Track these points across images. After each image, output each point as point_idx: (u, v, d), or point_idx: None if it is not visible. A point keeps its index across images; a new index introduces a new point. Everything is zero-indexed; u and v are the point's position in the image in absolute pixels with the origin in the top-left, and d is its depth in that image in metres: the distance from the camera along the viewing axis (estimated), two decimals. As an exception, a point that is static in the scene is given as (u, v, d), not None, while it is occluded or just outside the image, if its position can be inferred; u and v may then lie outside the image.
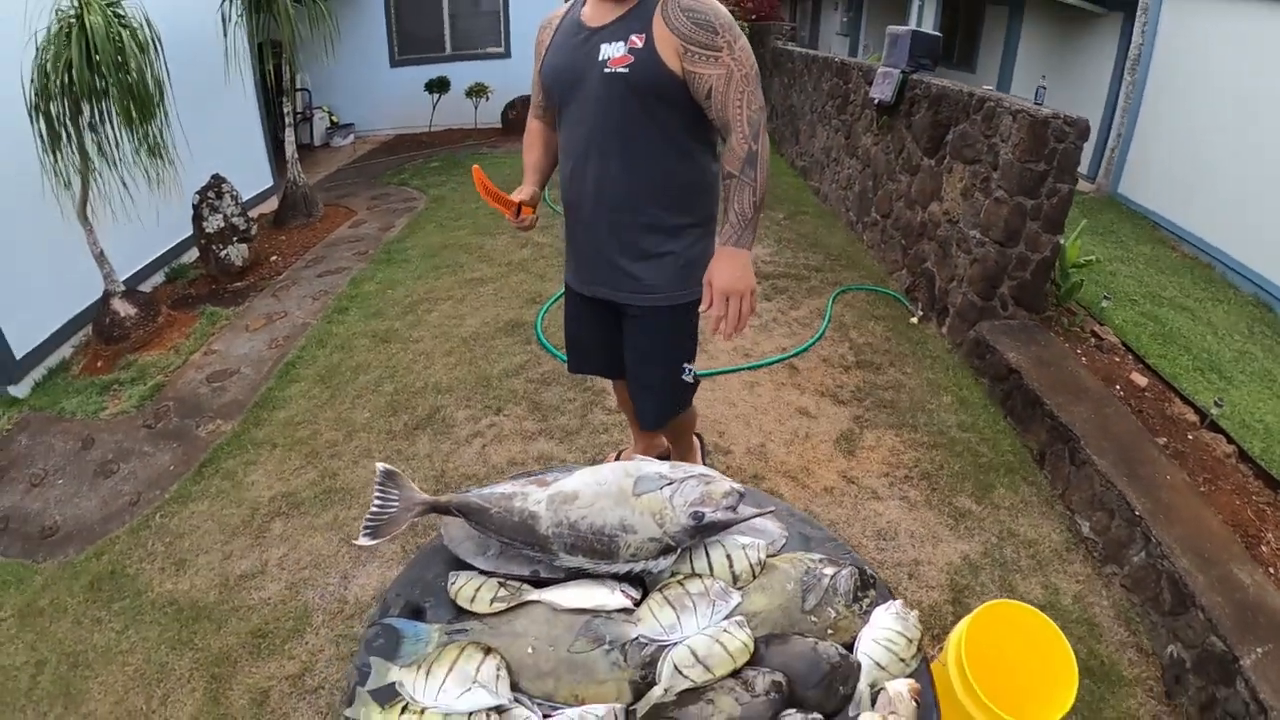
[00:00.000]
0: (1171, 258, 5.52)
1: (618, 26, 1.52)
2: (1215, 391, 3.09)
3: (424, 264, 4.72)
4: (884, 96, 4.58)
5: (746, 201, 1.52)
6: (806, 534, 1.21)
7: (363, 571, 2.27)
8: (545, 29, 1.74)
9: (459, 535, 1.07)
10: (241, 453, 2.90)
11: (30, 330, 3.55)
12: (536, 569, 1.02)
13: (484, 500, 1.03)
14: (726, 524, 1.03)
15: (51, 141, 3.21)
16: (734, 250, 1.54)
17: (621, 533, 0.99)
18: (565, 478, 1.06)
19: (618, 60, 1.50)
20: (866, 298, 4.22)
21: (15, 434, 3.17)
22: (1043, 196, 3.23)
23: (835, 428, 2.98)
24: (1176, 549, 2.07)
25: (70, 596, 2.28)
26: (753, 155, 1.50)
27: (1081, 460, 2.52)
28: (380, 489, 1.04)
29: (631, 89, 1.52)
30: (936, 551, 2.36)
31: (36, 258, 3.60)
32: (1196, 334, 3.91)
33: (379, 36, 9.38)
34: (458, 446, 2.85)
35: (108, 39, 3.16)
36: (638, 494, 1.01)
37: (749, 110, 1.50)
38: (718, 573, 1.03)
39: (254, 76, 5.70)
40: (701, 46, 1.47)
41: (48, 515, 2.67)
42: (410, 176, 7.13)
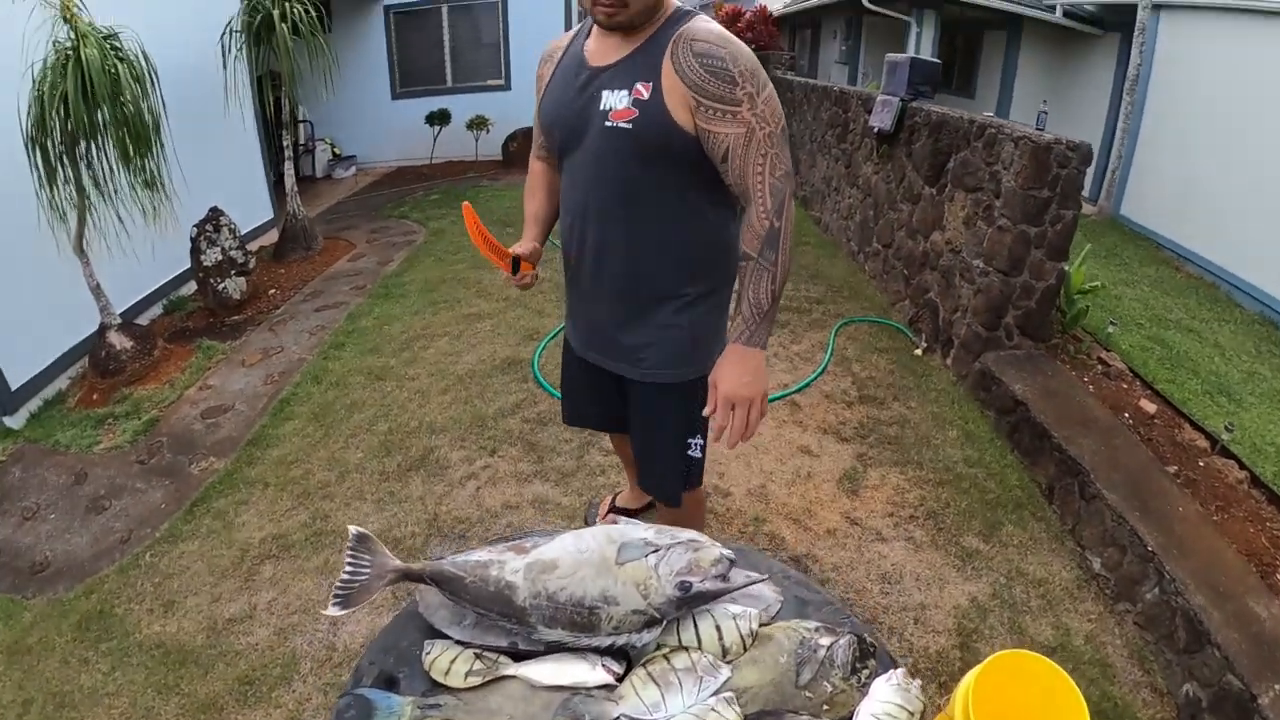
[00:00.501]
0: (1176, 279, 5.48)
1: (623, 70, 1.32)
2: (1225, 415, 3.03)
3: (421, 299, 4.70)
4: (884, 125, 4.57)
5: (764, 291, 1.30)
6: (803, 597, 1.15)
7: (351, 619, 2.20)
8: (546, 62, 1.53)
9: (434, 602, 1.02)
10: (233, 492, 2.85)
11: (26, 362, 3.55)
12: (514, 640, 0.96)
13: (458, 569, 0.97)
14: (716, 594, 0.97)
15: (47, 174, 3.22)
16: (745, 350, 1.31)
17: (603, 604, 0.93)
18: (545, 544, 1.01)
19: (620, 114, 1.30)
20: (869, 330, 4.17)
21: (9, 466, 3.15)
22: (1046, 224, 3.19)
23: (838, 466, 2.92)
24: (1190, 584, 2.01)
25: (59, 635, 2.25)
26: (774, 234, 1.27)
27: (1091, 494, 2.45)
28: (352, 554, 0.99)
29: (635, 147, 1.32)
30: (943, 594, 2.29)
31: (33, 290, 3.60)
32: (1204, 356, 3.86)
33: (380, 69, 9.51)
34: (451, 489, 2.80)
35: (103, 71, 3.18)
36: (621, 563, 0.95)
37: (771, 177, 1.27)
38: (706, 645, 0.97)
39: (254, 109, 5.74)
40: (717, 100, 1.24)
41: (39, 550, 2.65)
42: (410, 209, 7.16)
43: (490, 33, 9.53)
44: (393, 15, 9.33)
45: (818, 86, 6.49)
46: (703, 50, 1.24)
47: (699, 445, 1.64)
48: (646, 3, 1.27)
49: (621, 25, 1.28)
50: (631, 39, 1.32)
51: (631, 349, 1.53)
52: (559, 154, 1.49)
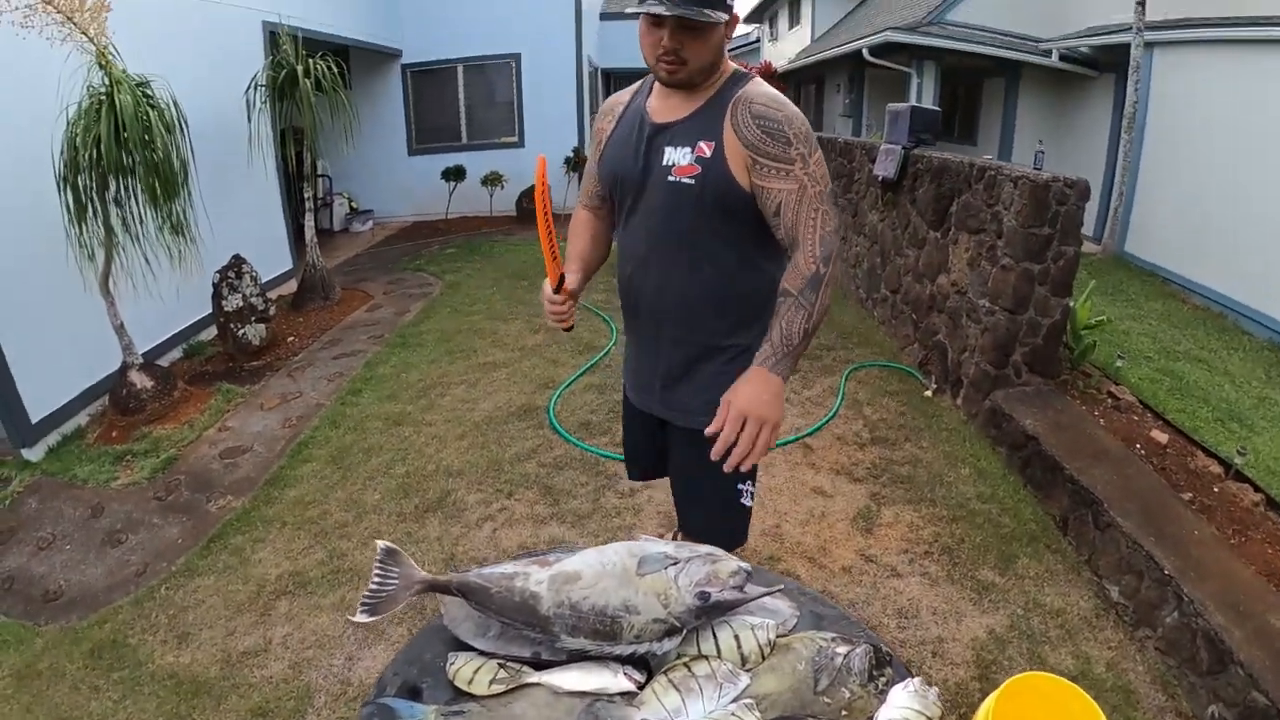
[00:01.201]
0: (1183, 311, 5.50)
1: (686, 128, 1.39)
2: (1237, 441, 3.02)
3: (438, 348, 4.78)
4: (887, 173, 4.68)
5: (797, 326, 1.31)
6: (819, 612, 1.17)
7: (368, 653, 2.21)
8: (606, 116, 1.58)
9: (459, 615, 1.05)
10: (250, 529, 2.88)
11: (47, 395, 3.61)
12: (538, 650, 0.98)
13: (484, 580, 1.00)
14: (734, 604, 1.00)
15: (78, 213, 3.33)
16: (767, 373, 1.29)
17: (625, 614, 0.96)
18: (568, 558, 1.04)
19: (683, 170, 1.37)
20: (880, 374, 4.21)
21: (26, 496, 3.20)
22: (1049, 260, 3.25)
23: (852, 506, 2.93)
24: (1210, 605, 2.01)
25: (70, 662, 2.26)
26: (818, 279, 1.31)
27: (1106, 523, 2.45)
28: (380, 566, 1.02)
29: (696, 201, 1.38)
30: (961, 627, 2.28)
31: (57, 325, 3.70)
32: (1214, 385, 3.87)
33: (398, 126, 9.80)
34: (468, 530, 2.82)
35: (136, 118, 3.30)
36: (642, 574, 0.98)
37: (822, 230, 1.33)
38: (725, 654, 0.99)
39: (276, 161, 5.93)
40: (772, 159, 1.32)
41: (52, 579, 2.67)
42: (426, 262, 7.32)
43: (504, 91, 9.84)
44: (410, 73, 9.68)
45: (823, 139, 6.66)
46: (760, 113, 1.33)
47: (750, 492, 1.62)
48: (704, 63, 1.34)
49: (681, 83, 1.37)
50: (693, 98, 1.40)
51: (682, 396, 1.56)
52: (618, 205, 1.55)
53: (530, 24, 9.39)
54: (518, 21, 9.39)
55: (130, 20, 3.70)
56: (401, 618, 2.32)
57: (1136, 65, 6.70)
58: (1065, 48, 8.29)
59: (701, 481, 1.61)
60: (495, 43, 9.52)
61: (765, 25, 21.47)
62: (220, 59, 5.26)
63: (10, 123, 3.44)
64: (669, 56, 1.32)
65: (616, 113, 1.56)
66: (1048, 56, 8.47)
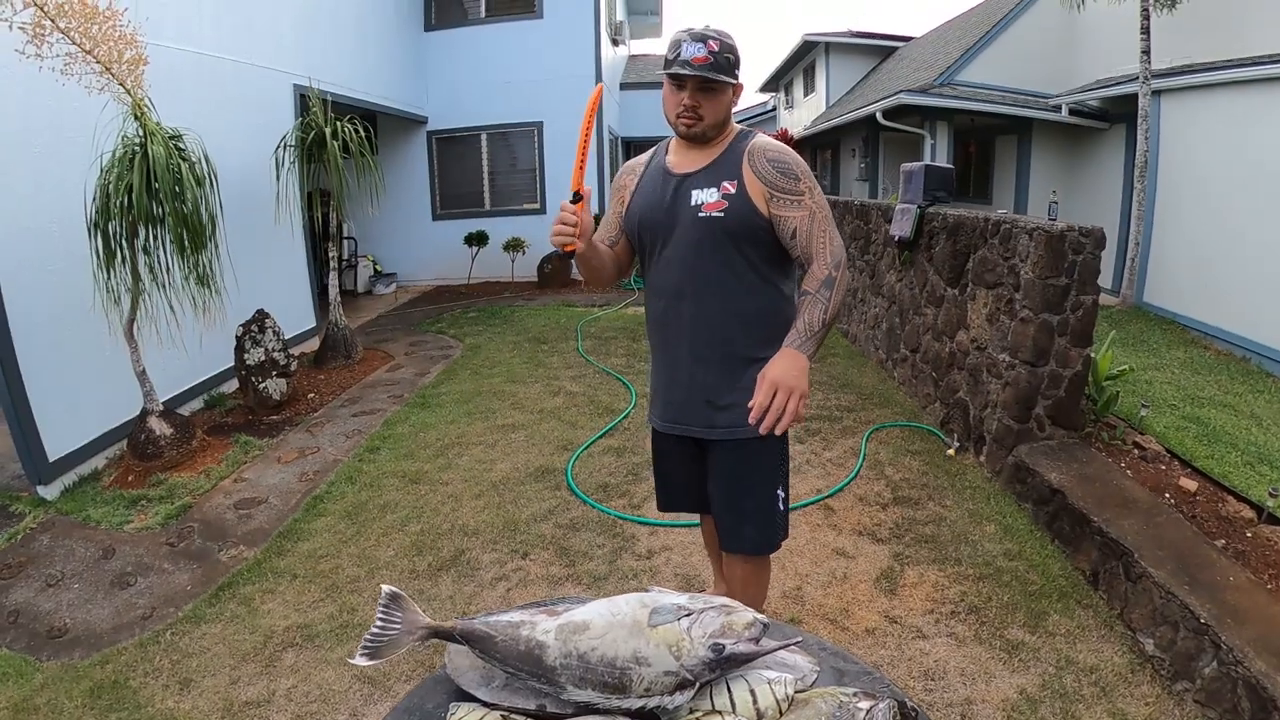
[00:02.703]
0: (1205, 357, 5.42)
1: (709, 173, 1.68)
2: (1268, 484, 2.92)
3: (457, 409, 4.79)
4: (903, 233, 4.70)
5: (817, 316, 1.62)
6: (840, 668, 1.11)
7: (373, 710, 2.15)
8: (629, 174, 1.87)
9: (463, 665, 1.01)
10: (261, 580, 2.85)
11: (66, 436, 3.66)
12: (543, 703, 0.94)
13: (490, 627, 0.97)
14: (749, 656, 0.96)
15: (107, 258, 3.42)
16: (794, 352, 1.61)
17: (635, 665, 0.92)
18: (577, 608, 1.01)
19: (712, 205, 1.65)
20: (901, 434, 4.15)
21: (39, 533, 3.21)
22: (1068, 310, 3.22)
23: (875, 566, 2.85)
24: (1250, 652, 1.92)
25: (68, 699, 2.23)
26: (831, 279, 1.63)
27: (1138, 574, 2.36)
28: (384, 610, 1.00)
29: (726, 231, 1.65)
30: (990, 688, 2.18)
31: (81, 367, 3.76)
32: (1241, 429, 3.77)
33: (422, 191, 10.08)
34: (481, 589, 2.77)
35: (168, 169, 3.42)
36: (653, 625, 0.94)
37: (831, 244, 1.65)
38: (740, 709, 0.94)
39: (303, 221, 6.10)
40: (786, 192, 1.64)
41: (58, 616, 2.66)
42: (448, 325, 7.42)
43: (526, 159, 10.10)
44: (435, 140, 9.99)
45: (839, 202, 6.74)
46: (773, 157, 1.66)
47: (783, 499, 1.86)
48: (717, 119, 1.67)
49: (697, 136, 1.68)
50: (709, 151, 1.71)
51: (722, 410, 1.76)
52: (648, 248, 1.79)
53: (553, 93, 9.68)
54: (541, 90, 9.70)
55: (166, 75, 3.88)
56: (410, 675, 2.26)
57: (1145, 114, 6.76)
58: (1074, 102, 8.41)
59: (743, 486, 1.82)
60: (518, 111, 9.82)
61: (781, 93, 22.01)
62: (251, 118, 5.47)
63: (46, 167, 3.58)
64: (689, 114, 1.64)
65: (638, 171, 1.84)
66: (1058, 111, 8.60)
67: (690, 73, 1.58)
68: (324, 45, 6.81)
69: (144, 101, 3.49)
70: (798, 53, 18.08)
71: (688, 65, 1.58)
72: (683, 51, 1.59)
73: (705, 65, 1.58)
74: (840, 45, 16.58)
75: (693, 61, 1.58)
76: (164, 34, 4.30)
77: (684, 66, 1.58)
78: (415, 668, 2.29)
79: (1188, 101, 6.57)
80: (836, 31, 16.70)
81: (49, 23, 3.06)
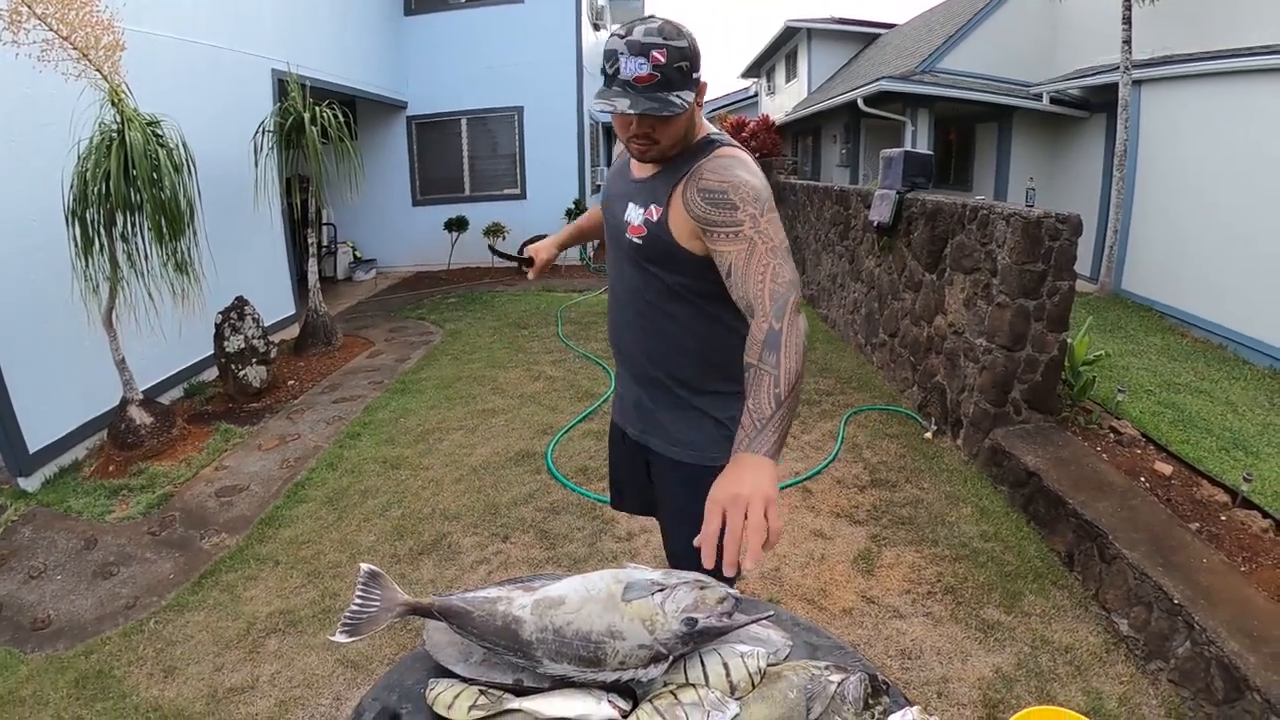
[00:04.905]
0: (1183, 344, 5.51)
1: (645, 189, 1.44)
2: (1243, 469, 2.99)
3: (437, 395, 4.79)
4: (882, 218, 4.73)
5: (765, 396, 1.15)
6: (813, 642, 1.14)
7: (356, 694, 2.16)
8: (619, 155, 1.65)
9: (441, 641, 1.02)
10: (243, 567, 2.85)
11: (46, 427, 3.62)
12: (520, 677, 0.96)
13: (467, 603, 0.98)
14: (721, 630, 0.98)
15: (84, 246, 3.37)
16: (744, 457, 1.12)
17: (609, 639, 0.93)
18: (552, 583, 1.02)
19: (634, 229, 1.44)
20: (879, 417, 4.20)
21: (20, 525, 3.19)
22: (1044, 296, 3.26)
23: (852, 548, 2.89)
24: (1223, 632, 1.97)
25: (54, 690, 2.22)
26: (774, 336, 1.18)
27: (1112, 555, 2.41)
28: (362, 588, 1.01)
29: (645, 258, 1.44)
30: (966, 667, 2.22)
31: (60, 358, 3.72)
32: (1216, 414, 3.84)
33: (402, 177, 9.98)
34: (463, 573, 2.79)
35: (145, 155, 3.37)
36: (627, 600, 0.96)
37: (773, 284, 1.23)
38: (713, 682, 0.96)
39: (281, 207, 6.03)
40: (722, 225, 1.29)
41: (41, 608, 2.65)
42: (428, 311, 7.39)
43: (507, 144, 10.04)
44: (415, 125, 9.89)
45: (819, 187, 6.76)
46: (706, 187, 1.31)
47: None
48: (674, 139, 1.36)
49: (654, 159, 1.40)
50: (649, 164, 1.43)
51: (660, 424, 1.55)
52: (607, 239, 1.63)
53: (533, 78, 9.63)
54: (521, 75, 9.63)
55: (143, 61, 3.82)
56: (392, 659, 2.27)
57: (1125, 104, 6.83)
58: (1055, 90, 8.47)
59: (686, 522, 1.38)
60: (499, 96, 9.75)
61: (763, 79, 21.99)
62: (229, 104, 5.40)
63: (22, 155, 3.52)
64: (641, 140, 1.34)
65: (619, 154, 1.62)
66: (1038, 100, 8.65)
67: (634, 111, 1.25)
68: (303, 30, 6.71)
69: (121, 87, 3.44)
70: (780, 38, 18.04)
71: (629, 89, 1.25)
72: (621, 68, 1.25)
73: (651, 86, 1.24)
74: (822, 31, 16.56)
75: (634, 82, 1.25)
76: (141, 19, 4.22)
77: (625, 92, 1.25)
78: (398, 650, 2.31)
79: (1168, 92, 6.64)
80: (819, 18, 16.67)
81: (26, 9, 3.00)
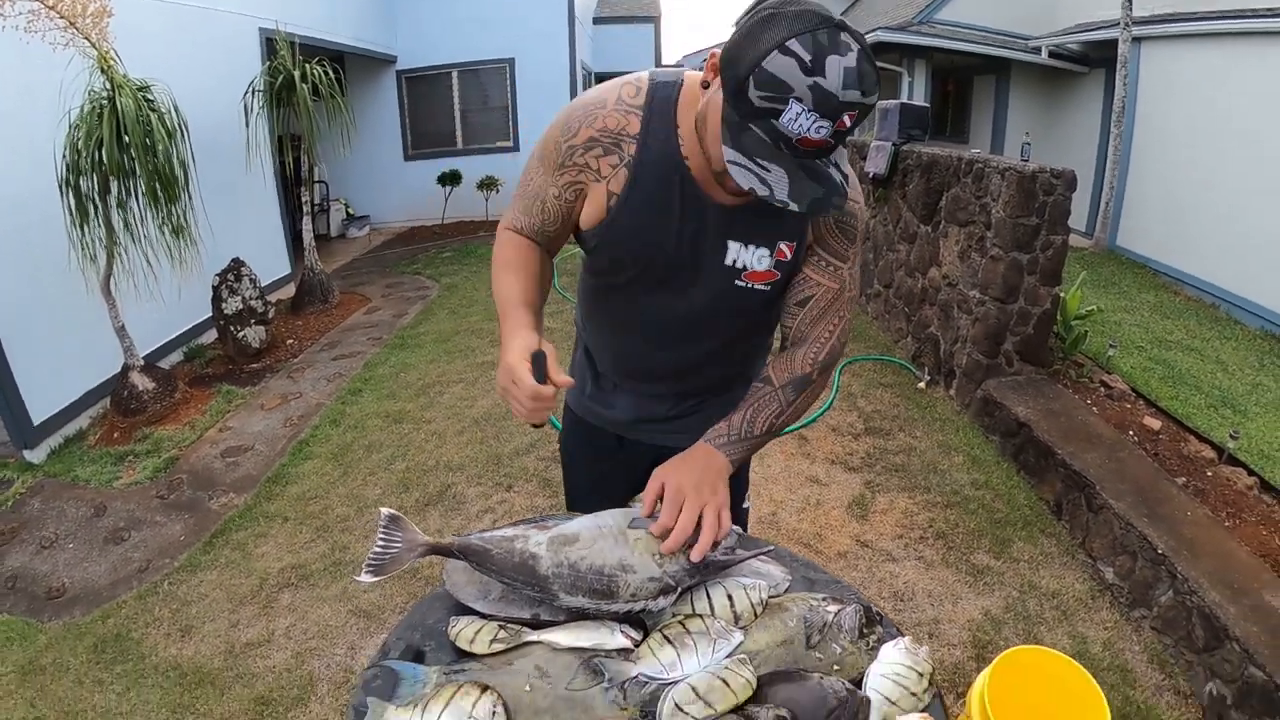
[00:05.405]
0: (1175, 302, 5.56)
1: (760, 221, 1.06)
2: (1230, 426, 3.06)
3: (437, 348, 4.82)
4: (878, 169, 4.72)
5: (764, 417, 1.12)
6: (810, 577, 1.20)
7: (370, 643, 2.24)
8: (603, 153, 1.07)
9: (461, 580, 1.08)
10: (252, 525, 2.91)
11: (49, 398, 3.64)
12: (537, 612, 1.01)
13: (485, 542, 1.03)
14: (725, 564, 1.04)
15: (80, 215, 3.36)
16: (710, 449, 1.10)
17: (621, 572, 0.99)
18: (566, 522, 1.08)
19: (758, 276, 1.10)
20: (874, 367, 4.25)
21: (29, 498, 3.23)
22: (1037, 250, 3.29)
23: (847, 494, 2.97)
24: (1205, 583, 2.04)
25: (73, 656, 2.28)
26: (806, 381, 1.15)
27: (1099, 505, 2.48)
28: (384, 531, 1.05)
29: (766, 303, 1.16)
30: (956, 609, 2.31)
31: (59, 328, 3.72)
32: (1206, 373, 3.91)
33: (393, 131, 9.83)
34: (468, 522, 2.85)
35: (137, 121, 3.35)
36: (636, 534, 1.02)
37: (836, 339, 1.16)
38: (719, 612, 1.02)
39: (274, 167, 5.97)
40: (830, 254, 1.12)
41: (56, 577, 2.70)
42: (424, 266, 7.37)
43: (498, 96, 9.88)
44: (405, 79, 9.71)
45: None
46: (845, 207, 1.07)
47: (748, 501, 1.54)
48: None
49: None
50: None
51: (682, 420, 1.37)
52: (623, 279, 1.20)
53: (524, 28, 9.43)
54: (511, 26, 9.43)
55: (131, 26, 3.74)
56: (404, 609, 2.35)
57: (1124, 60, 6.77)
58: (1054, 45, 8.36)
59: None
60: (489, 47, 9.56)
61: (758, 29, 21.53)
62: (218, 65, 5.30)
63: (14, 126, 3.48)
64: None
65: (626, 155, 1.06)
66: (1037, 54, 8.54)
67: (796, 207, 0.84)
68: (289, -16, 6.54)
69: (110, 54, 3.40)
70: (775, -11, 17.61)
71: (784, 149, 0.83)
72: (788, 119, 0.81)
73: (818, 152, 0.84)
74: (819, -19, 16.17)
75: (799, 144, 0.83)
76: (128, -17, 4.12)
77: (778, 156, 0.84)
78: (408, 600, 2.38)
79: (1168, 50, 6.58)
80: (816, -34, 16.25)
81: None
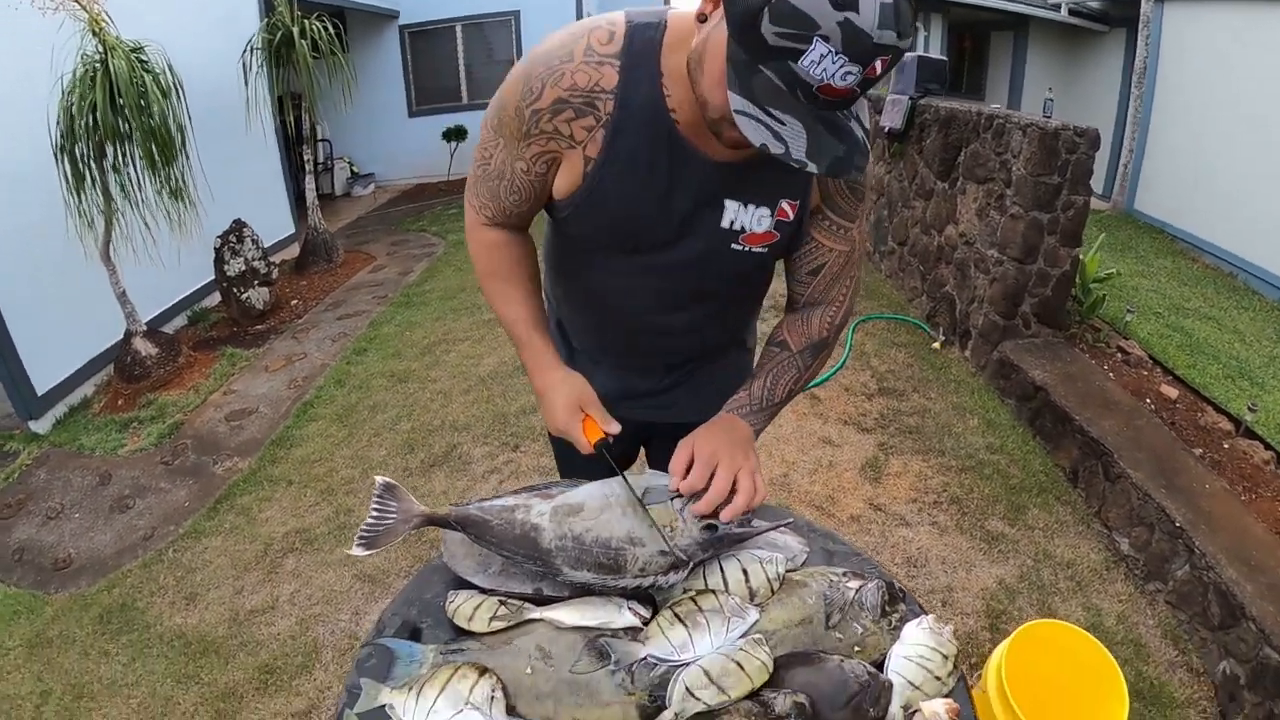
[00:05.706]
0: (1193, 269, 5.43)
1: (763, 178, 0.98)
2: (1247, 398, 2.98)
3: (442, 306, 4.75)
4: (894, 124, 4.57)
5: (783, 384, 1.10)
6: (829, 549, 1.14)
7: (375, 608, 2.22)
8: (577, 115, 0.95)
9: (459, 552, 1.02)
10: (257, 489, 2.88)
11: (53, 367, 3.61)
12: (539, 586, 0.96)
13: (484, 512, 0.98)
14: (741, 537, 0.97)
15: (76, 182, 3.30)
16: (734, 419, 1.06)
17: (629, 546, 0.93)
18: (571, 490, 1.01)
19: (757, 238, 1.02)
20: (887, 326, 4.16)
21: (34, 469, 3.21)
22: (1058, 210, 3.18)
23: (860, 455, 2.91)
24: (1222, 558, 1.98)
25: (79, 628, 2.27)
26: (823, 344, 1.13)
27: (1116, 474, 2.42)
28: (378, 500, 1.00)
29: (762, 266, 1.10)
30: (970, 577, 2.27)
31: (60, 297, 3.67)
32: (1224, 342, 3.81)
33: (396, 87, 9.63)
34: (474, 483, 2.82)
35: (131, 83, 3.26)
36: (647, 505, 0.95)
37: (850, 300, 1.14)
38: (733, 588, 0.96)
39: (275, 126, 5.85)
40: (840, 215, 1.05)
41: (61, 548, 2.69)
42: (429, 223, 7.26)
43: (503, 49, 9.64)
44: (408, 34, 9.48)
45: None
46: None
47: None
48: None
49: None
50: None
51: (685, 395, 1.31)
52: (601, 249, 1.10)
53: (529, -21, 9.18)
54: (516, -23, 9.19)
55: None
56: (410, 571, 2.32)
57: (1147, 20, 6.55)
58: (1074, 2, 8.08)
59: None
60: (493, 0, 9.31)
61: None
62: (215, 23, 5.17)
63: (6, 94, 3.39)
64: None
65: (602, 115, 0.94)
66: (1057, 11, 8.26)
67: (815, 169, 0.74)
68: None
69: (101, 16, 3.30)
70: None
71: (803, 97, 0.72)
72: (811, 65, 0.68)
73: (842, 101, 0.73)
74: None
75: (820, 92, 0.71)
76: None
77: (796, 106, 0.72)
78: (414, 563, 2.36)
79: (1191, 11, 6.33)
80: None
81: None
